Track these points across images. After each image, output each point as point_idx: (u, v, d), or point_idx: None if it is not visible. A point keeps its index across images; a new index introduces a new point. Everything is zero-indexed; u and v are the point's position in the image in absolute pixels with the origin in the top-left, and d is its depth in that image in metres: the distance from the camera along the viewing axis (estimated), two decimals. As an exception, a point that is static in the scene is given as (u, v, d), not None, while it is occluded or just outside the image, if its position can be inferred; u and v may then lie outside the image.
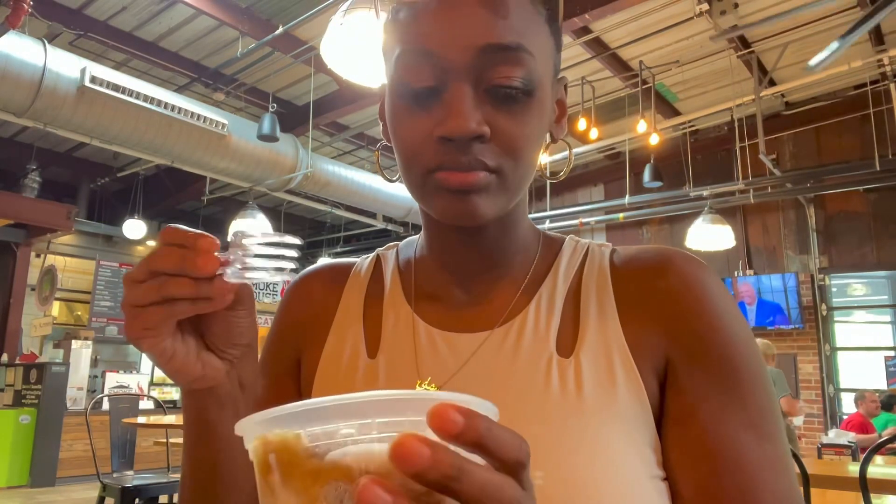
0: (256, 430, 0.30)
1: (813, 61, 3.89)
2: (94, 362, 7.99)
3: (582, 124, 5.88)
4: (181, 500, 0.56)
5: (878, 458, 3.38)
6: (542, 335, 0.57)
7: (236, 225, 6.25)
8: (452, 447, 0.26)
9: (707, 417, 0.52)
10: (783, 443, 0.52)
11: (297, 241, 0.45)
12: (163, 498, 3.87)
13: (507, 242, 0.62)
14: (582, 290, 0.60)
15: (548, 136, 0.62)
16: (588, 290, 0.60)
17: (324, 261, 0.74)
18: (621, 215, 7.37)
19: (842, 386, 6.70)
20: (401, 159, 0.56)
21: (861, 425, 5.30)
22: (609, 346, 0.56)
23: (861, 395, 5.55)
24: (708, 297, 0.56)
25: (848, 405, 6.61)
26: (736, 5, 4.54)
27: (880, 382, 6.43)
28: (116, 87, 4.98)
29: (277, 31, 4.91)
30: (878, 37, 5.44)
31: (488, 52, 0.52)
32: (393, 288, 0.66)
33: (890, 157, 5.88)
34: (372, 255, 0.72)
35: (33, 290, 8.10)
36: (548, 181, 7.31)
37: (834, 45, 3.75)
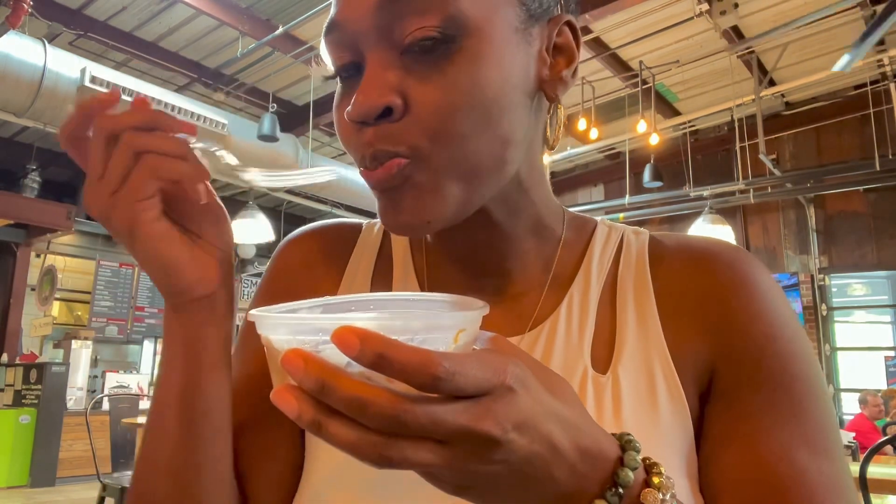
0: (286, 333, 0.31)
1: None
2: (94, 362, 7.99)
3: (582, 124, 5.88)
4: (146, 465, 0.46)
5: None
6: (574, 344, 0.49)
7: (236, 225, 6.25)
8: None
9: (758, 435, 0.44)
10: (842, 462, 0.45)
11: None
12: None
13: (517, 228, 0.52)
14: (618, 290, 0.52)
15: (541, 96, 0.48)
16: (625, 290, 0.52)
17: (325, 220, 0.63)
18: (621, 215, 7.36)
19: (842, 386, 6.70)
20: None
21: (867, 432, 4.86)
22: (650, 358, 0.48)
23: (864, 399, 5.33)
24: (760, 299, 0.49)
25: (848, 405, 6.61)
26: (736, 5, 4.54)
27: (880, 382, 6.43)
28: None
29: (277, 31, 4.91)
30: (878, 37, 5.44)
31: (390, 3, 0.42)
32: (404, 271, 0.57)
33: (890, 157, 5.87)
34: (379, 223, 0.58)
35: (33, 290, 8.08)
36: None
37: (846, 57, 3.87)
